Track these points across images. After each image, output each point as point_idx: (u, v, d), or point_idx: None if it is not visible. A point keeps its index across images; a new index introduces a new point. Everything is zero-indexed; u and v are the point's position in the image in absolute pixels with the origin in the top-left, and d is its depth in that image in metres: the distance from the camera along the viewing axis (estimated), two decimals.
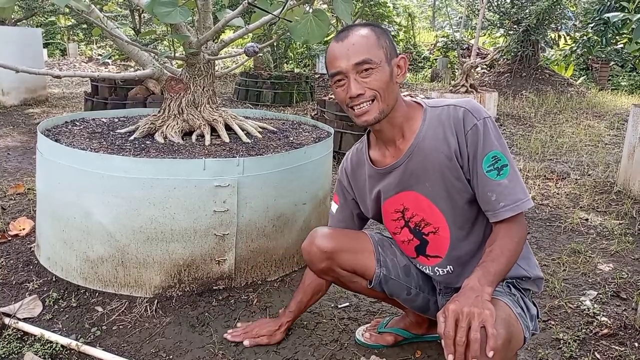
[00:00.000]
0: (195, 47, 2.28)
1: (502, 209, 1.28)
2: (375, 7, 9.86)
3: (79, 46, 14.57)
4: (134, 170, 1.88)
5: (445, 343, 1.10)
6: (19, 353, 1.66)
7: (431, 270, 1.51)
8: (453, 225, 1.40)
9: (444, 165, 1.33)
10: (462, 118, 1.31)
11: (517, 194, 1.28)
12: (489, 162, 1.29)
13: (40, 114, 6.21)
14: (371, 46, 1.30)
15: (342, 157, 4.20)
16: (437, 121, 1.35)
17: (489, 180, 1.29)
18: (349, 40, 1.30)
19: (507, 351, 1.15)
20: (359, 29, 1.32)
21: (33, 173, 3.52)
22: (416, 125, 1.38)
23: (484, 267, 1.23)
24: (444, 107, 1.35)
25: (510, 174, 1.29)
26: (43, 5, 8.36)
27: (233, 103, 7.56)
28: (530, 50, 9.74)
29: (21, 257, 2.30)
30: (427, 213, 1.42)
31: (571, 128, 6.17)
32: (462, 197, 1.36)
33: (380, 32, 1.33)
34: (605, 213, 3.19)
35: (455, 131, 1.31)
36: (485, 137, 1.29)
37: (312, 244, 1.56)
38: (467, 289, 1.17)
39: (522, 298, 1.38)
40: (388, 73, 1.31)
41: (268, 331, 1.77)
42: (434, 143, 1.34)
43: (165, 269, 1.97)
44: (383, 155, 1.45)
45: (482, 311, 1.09)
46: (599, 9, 5.30)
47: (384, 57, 1.30)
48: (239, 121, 2.48)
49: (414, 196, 1.41)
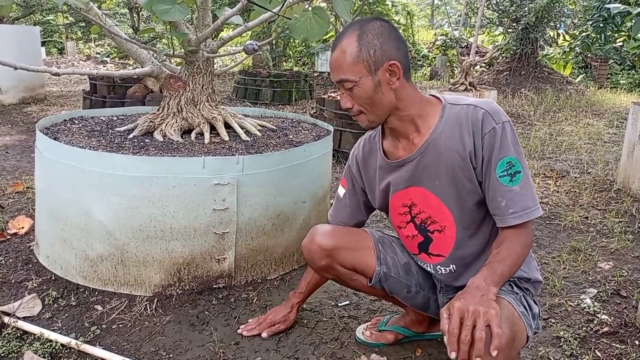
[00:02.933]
0: (194, 44, 2.27)
1: (510, 215, 1.28)
2: (374, 5, 9.84)
3: (77, 44, 14.54)
4: (133, 168, 1.87)
5: (448, 340, 1.09)
6: (19, 352, 1.66)
7: (432, 268, 1.51)
8: (460, 225, 1.39)
9: (457, 165, 1.32)
10: (481, 119, 1.29)
11: (527, 201, 1.28)
12: (502, 167, 1.28)
13: (38, 112, 6.20)
14: (348, 64, 1.28)
15: (341, 155, 4.20)
16: (455, 119, 1.33)
17: (501, 185, 1.28)
18: (333, 54, 1.31)
19: (511, 350, 1.15)
20: (344, 39, 1.29)
21: (32, 171, 3.51)
22: (433, 120, 1.36)
23: (490, 267, 1.23)
24: (463, 106, 1.33)
25: (523, 180, 1.28)
26: (41, 3, 8.33)
27: (232, 101, 7.54)
28: (529, 48, 9.74)
29: (20, 255, 2.29)
30: (434, 211, 1.41)
31: (570, 126, 6.17)
32: (471, 198, 1.35)
33: (365, 40, 1.27)
34: (605, 211, 3.19)
35: (473, 132, 1.30)
36: (502, 141, 1.28)
37: (312, 241, 1.55)
38: (472, 287, 1.17)
39: (524, 297, 1.38)
40: (371, 86, 1.29)
41: (282, 317, 1.78)
42: (449, 141, 1.32)
43: (164, 267, 1.96)
44: (395, 147, 1.43)
45: (487, 310, 1.09)
46: (598, 6, 5.30)
47: (364, 70, 1.28)
48: (238, 119, 2.48)
49: (423, 193, 1.40)
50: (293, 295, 1.81)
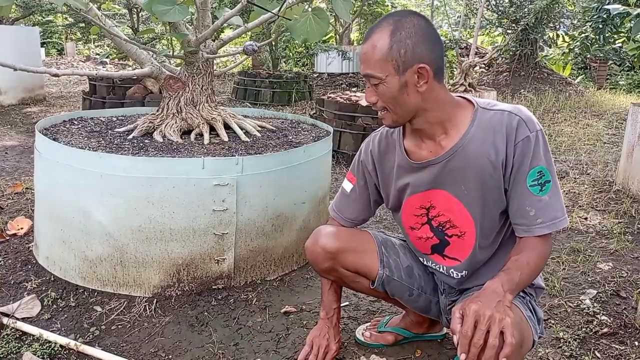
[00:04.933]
0: (194, 45, 2.27)
1: (538, 225, 1.26)
2: (373, 6, 9.85)
3: (77, 45, 14.54)
4: (132, 169, 1.87)
5: (460, 342, 1.08)
6: (18, 353, 1.66)
7: (445, 270, 1.48)
8: (480, 232, 1.37)
9: (487, 172, 1.29)
10: (515, 127, 1.25)
11: (556, 211, 1.26)
12: (533, 177, 1.26)
13: (38, 113, 6.20)
14: (377, 60, 1.23)
15: (341, 156, 4.19)
16: (487, 125, 1.29)
17: (531, 194, 1.26)
18: (364, 46, 1.26)
19: (518, 356, 1.15)
20: (377, 32, 1.24)
21: (31, 172, 3.51)
22: (464, 124, 1.31)
23: (509, 273, 1.21)
24: (496, 112, 1.29)
25: (552, 190, 1.26)
26: (41, 4, 8.33)
27: (232, 102, 7.54)
28: (528, 49, 9.74)
29: (19, 256, 2.29)
30: (456, 216, 1.37)
31: (570, 127, 6.17)
32: (496, 206, 1.33)
33: (397, 38, 1.22)
34: (605, 212, 3.19)
35: (507, 139, 1.26)
36: (535, 150, 1.25)
37: (315, 243, 1.53)
38: (489, 291, 1.15)
39: (530, 301, 1.38)
40: (396, 87, 1.25)
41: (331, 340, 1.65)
42: (481, 147, 1.28)
43: (164, 268, 1.96)
44: (419, 147, 1.38)
45: (503, 317, 1.08)
46: (597, 7, 5.31)
47: (392, 69, 1.23)
48: (237, 120, 2.48)
49: (445, 196, 1.37)
50: (328, 321, 1.66)
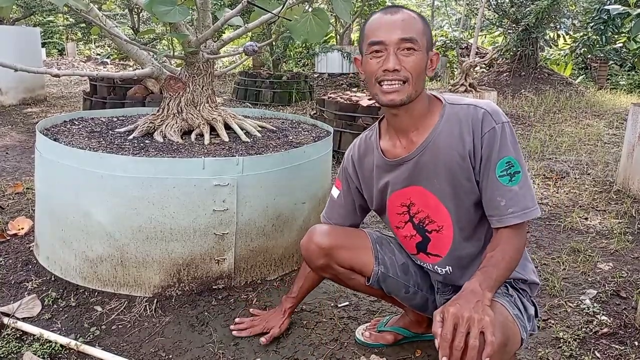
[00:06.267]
0: (195, 46, 2.27)
1: (509, 215, 1.28)
2: (374, 7, 9.84)
3: (78, 46, 14.55)
4: (133, 169, 1.87)
5: (440, 345, 1.09)
6: (18, 352, 1.66)
7: (432, 267, 1.51)
8: (457, 225, 1.40)
9: (456, 164, 1.33)
10: (481, 119, 1.30)
11: (527, 201, 1.28)
12: (502, 167, 1.28)
13: (38, 113, 6.20)
14: (419, 28, 1.31)
15: (341, 157, 4.20)
16: (455, 119, 1.34)
17: (500, 185, 1.29)
18: (400, 15, 1.31)
19: (503, 354, 1.15)
20: (407, 11, 1.33)
21: (32, 172, 3.51)
22: (433, 119, 1.37)
23: (485, 271, 1.23)
24: (463, 106, 1.35)
25: (522, 181, 1.28)
26: (41, 4, 8.34)
27: (232, 102, 7.55)
28: (529, 49, 9.73)
29: (20, 256, 2.29)
30: (432, 210, 1.41)
31: (570, 127, 6.17)
32: (468, 198, 1.36)
33: (426, 22, 1.35)
34: (605, 212, 3.19)
35: (473, 131, 1.31)
36: (501, 141, 1.28)
37: (310, 240, 1.56)
38: (467, 291, 1.17)
39: (519, 298, 1.38)
40: (424, 61, 1.32)
41: (277, 322, 1.77)
42: (449, 140, 1.33)
43: (164, 268, 1.96)
44: (394, 146, 1.43)
45: (482, 317, 1.09)
46: (598, 8, 5.31)
47: (426, 44, 1.32)
48: (238, 120, 2.48)
49: (421, 192, 1.40)
50: (286, 300, 1.81)
